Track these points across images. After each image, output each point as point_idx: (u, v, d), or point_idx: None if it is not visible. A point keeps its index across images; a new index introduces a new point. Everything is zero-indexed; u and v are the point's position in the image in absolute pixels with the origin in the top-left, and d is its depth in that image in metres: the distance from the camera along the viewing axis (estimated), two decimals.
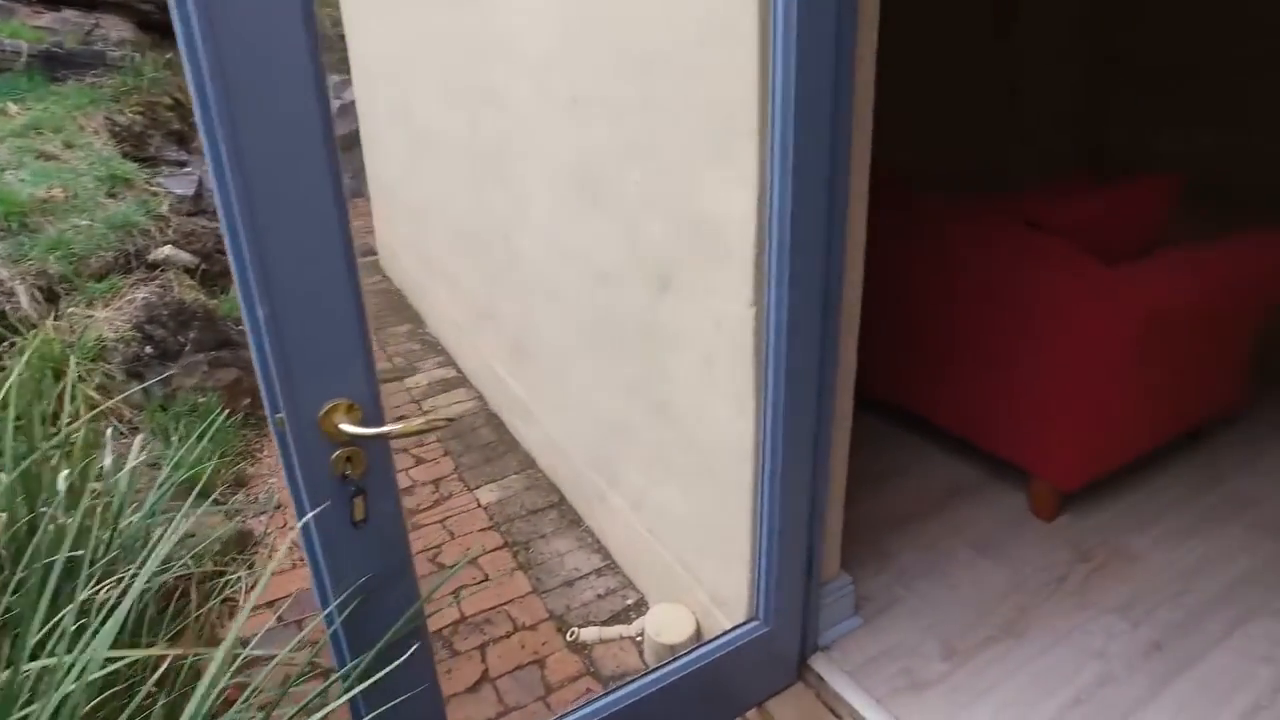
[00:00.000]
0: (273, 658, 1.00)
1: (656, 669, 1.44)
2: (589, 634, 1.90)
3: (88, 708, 0.89)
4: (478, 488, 2.54)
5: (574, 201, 1.79)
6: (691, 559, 1.75)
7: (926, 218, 2.05)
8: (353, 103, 4.49)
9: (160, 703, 0.98)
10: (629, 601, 2.03)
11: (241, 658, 0.98)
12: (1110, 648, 1.66)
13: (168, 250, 3.11)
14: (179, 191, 3.60)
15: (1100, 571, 1.87)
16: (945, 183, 5.52)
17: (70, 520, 1.07)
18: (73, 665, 0.82)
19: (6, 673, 0.83)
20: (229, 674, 0.91)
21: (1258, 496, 2.12)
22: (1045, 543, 1.97)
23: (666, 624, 1.77)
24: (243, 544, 2.17)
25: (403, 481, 2.54)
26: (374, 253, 4.51)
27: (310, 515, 0.93)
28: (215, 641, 1.29)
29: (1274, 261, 1.96)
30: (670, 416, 1.63)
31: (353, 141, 4.59)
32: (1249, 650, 1.64)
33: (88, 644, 0.85)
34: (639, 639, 1.87)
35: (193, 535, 1.68)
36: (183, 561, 1.50)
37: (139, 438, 1.94)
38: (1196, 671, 1.60)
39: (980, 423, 2.08)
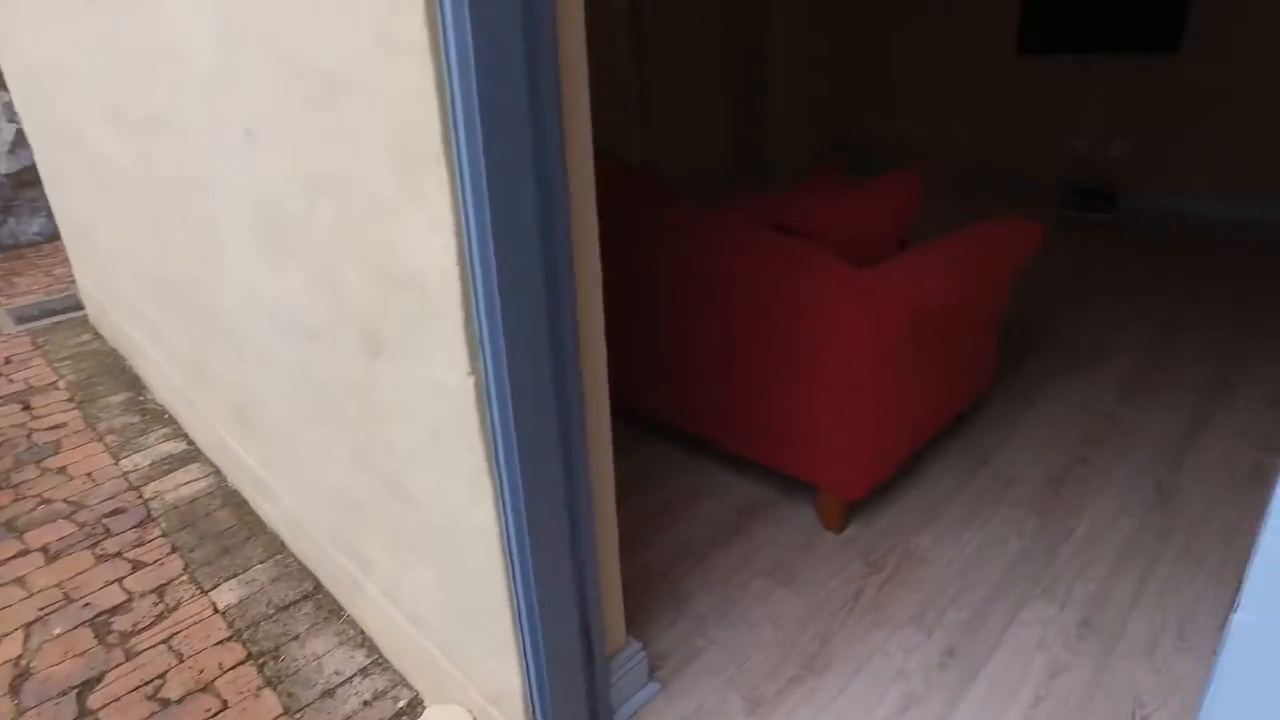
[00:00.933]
0: None
1: None
2: None
3: None
4: (214, 588, 2.12)
5: (264, 247, 1.47)
6: (457, 653, 1.50)
7: (681, 226, 1.92)
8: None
9: None
10: (401, 704, 1.74)
11: None
12: (909, 664, 1.61)
13: None
14: None
15: (892, 581, 1.83)
16: (706, 178, 5.62)
17: None
18: None
19: None
20: None
21: (1016, 473, 2.20)
22: (837, 557, 1.91)
23: None
24: None
25: (114, 597, 2.07)
26: (80, 306, 3.81)
27: None
28: None
29: (1018, 246, 2.02)
30: (404, 495, 1.37)
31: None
32: (1026, 639, 1.65)
33: None
34: None
35: None
36: None
37: None
38: (986, 672, 1.58)
39: (760, 440, 1.99)
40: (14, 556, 2.22)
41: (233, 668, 1.86)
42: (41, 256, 4.90)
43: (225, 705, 1.76)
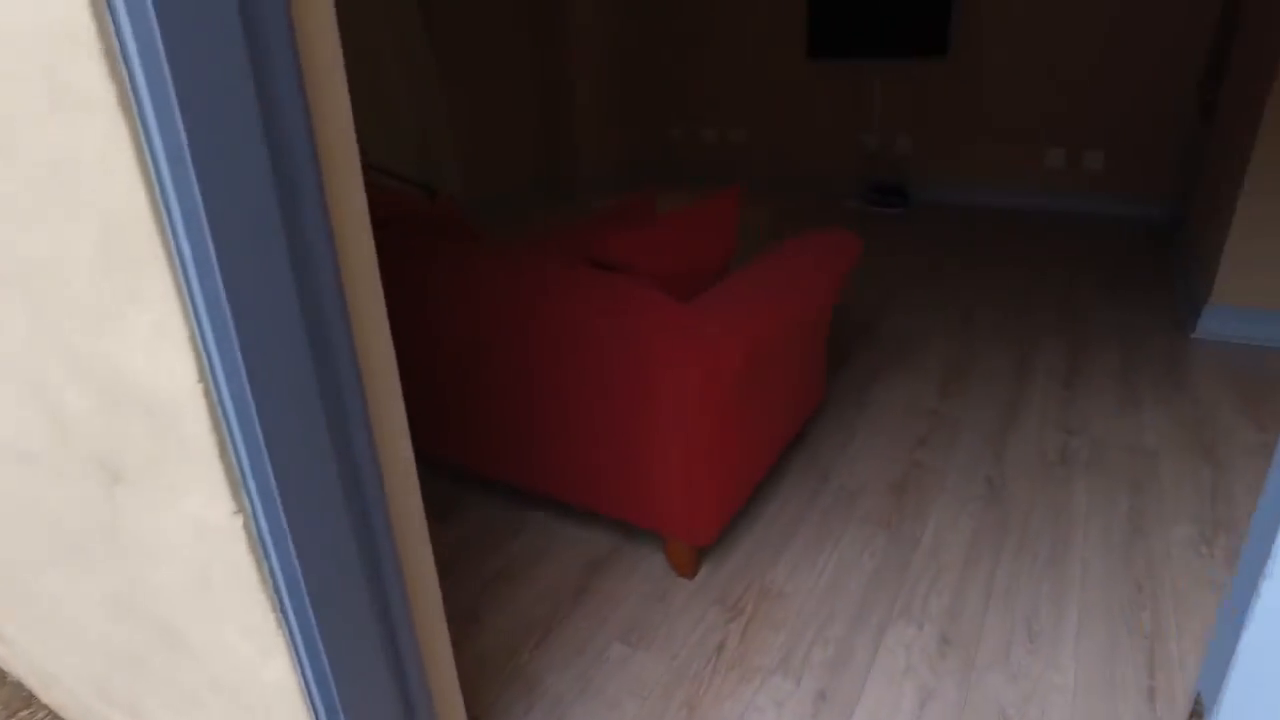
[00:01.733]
0: None
1: None
2: None
3: None
4: None
5: None
6: None
7: (493, 267, 1.74)
8: None
9: None
10: None
11: None
12: (783, 718, 1.52)
13: None
14: None
15: (753, 623, 1.74)
16: (518, 196, 5.45)
17: None
18: None
19: None
20: None
21: (859, 484, 2.20)
22: (694, 606, 1.80)
23: None
24: None
25: None
26: None
27: None
28: None
29: (841, 259, 2.01)
30: (179, 646, 1.10)
31: None
32: (892, 668, 1.61)
33: None
34: None
35: None
36: None
37: None
38: (859, 712, 1.52)
39: (598, 490, 1.84)
40: None
41: None
42: None
43: None
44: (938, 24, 4.80)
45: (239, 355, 0.73)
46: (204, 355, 0.74)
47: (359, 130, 0.87)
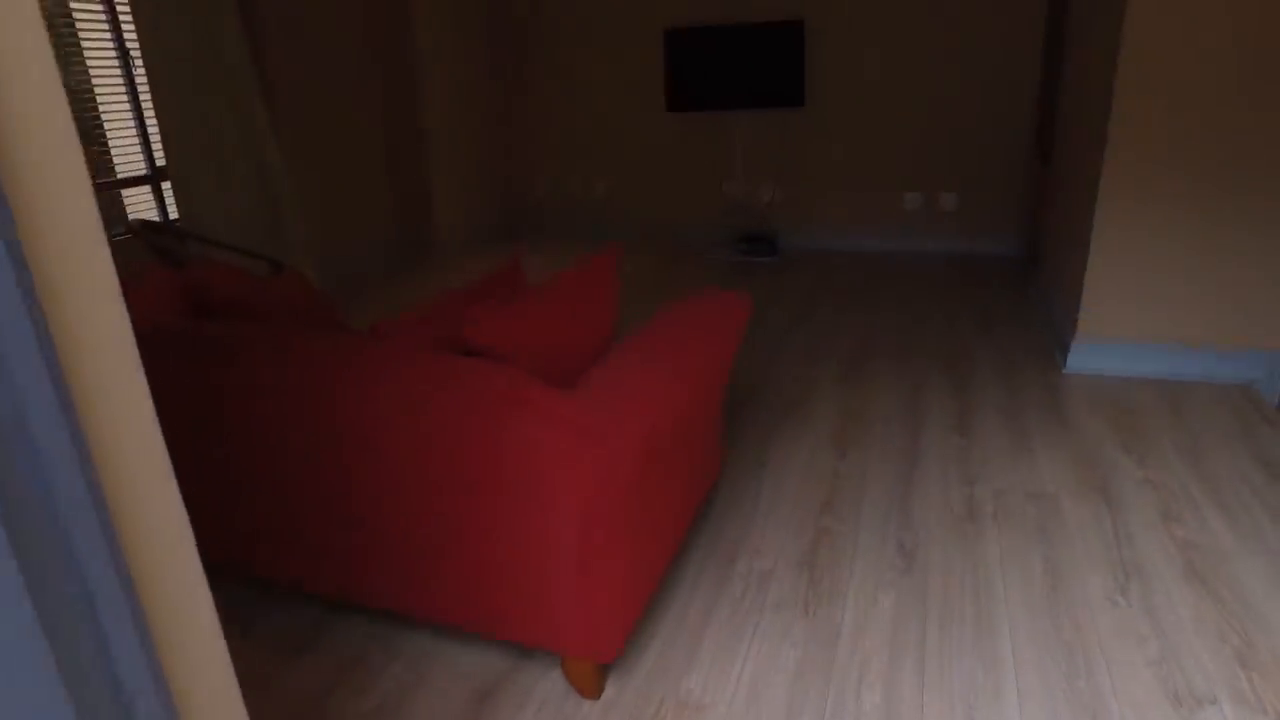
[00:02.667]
0: None
1: None
2: None
3: None
4: None
5: None
6: None
7: (347, 360, 1.46)
8: None
9: None
10: None
11: None
12: None
13: None
14: None
15: None
16: (374, 263, 5.10)
17: None
18: None
19: None
20: None
21: (768, 565, 2.02)
22: None
23: None
24: None
25: None
26: None
27: None
28: None
29: (733, 323, 1.85)
30: None
31: None
32: None
33: None
34: None
35: None
36: None
37: None
38: None
39: (484, 609, 1.58)
40: None
41: None
42: None
43: None
44: (793, 77, 4.90)
45: None
46: None
47: (206, 207, 0.61)
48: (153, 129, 3.95)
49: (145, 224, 3.31)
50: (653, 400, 1.39)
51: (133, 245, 3.58)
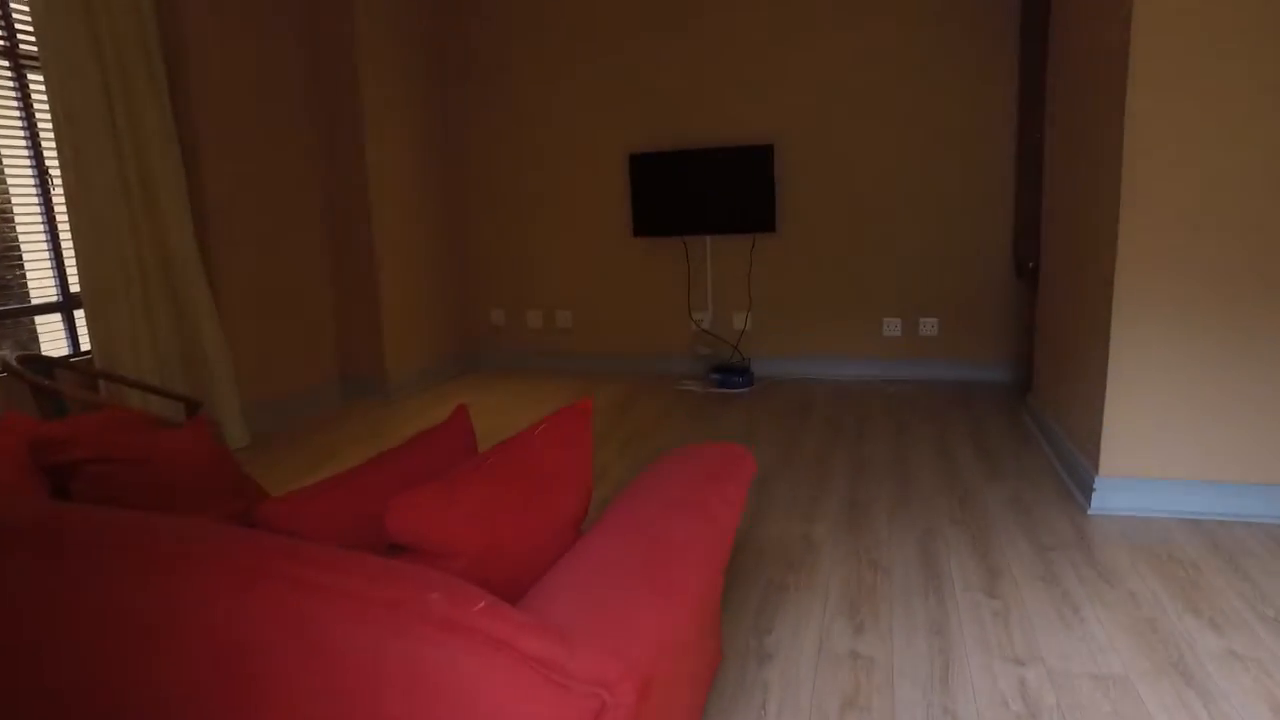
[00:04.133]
0: None
1: None
2: None
3: None
4: None
5: None
6: None
7: (217, 569, 1.03)
8: None
9: None
10: None
11: None
12: None
13: None
14: None
15: None
16: (314, 401, 4.64)
17: None
18: None
19: None
20: None
21: None
22: None
23: None
24: None
25: None
26: None
27: None
28: None
29: (739, 484, 1.46)
30: None
31: None
32: None
33: None
34: None
35: None
36: None
37: None
38: None
39: None
40: None
41: None
42: None
43: None
44: (763, 202, 4.75)
45: None
46: None
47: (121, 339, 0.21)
48: (69, 251, 3.58)
49: (25, 359, 2.86)
50: (646, 622, 0.98)
51: (10, 384, 3.12)
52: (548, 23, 5.07)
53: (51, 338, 3.66)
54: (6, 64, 3.35)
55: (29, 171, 3.48)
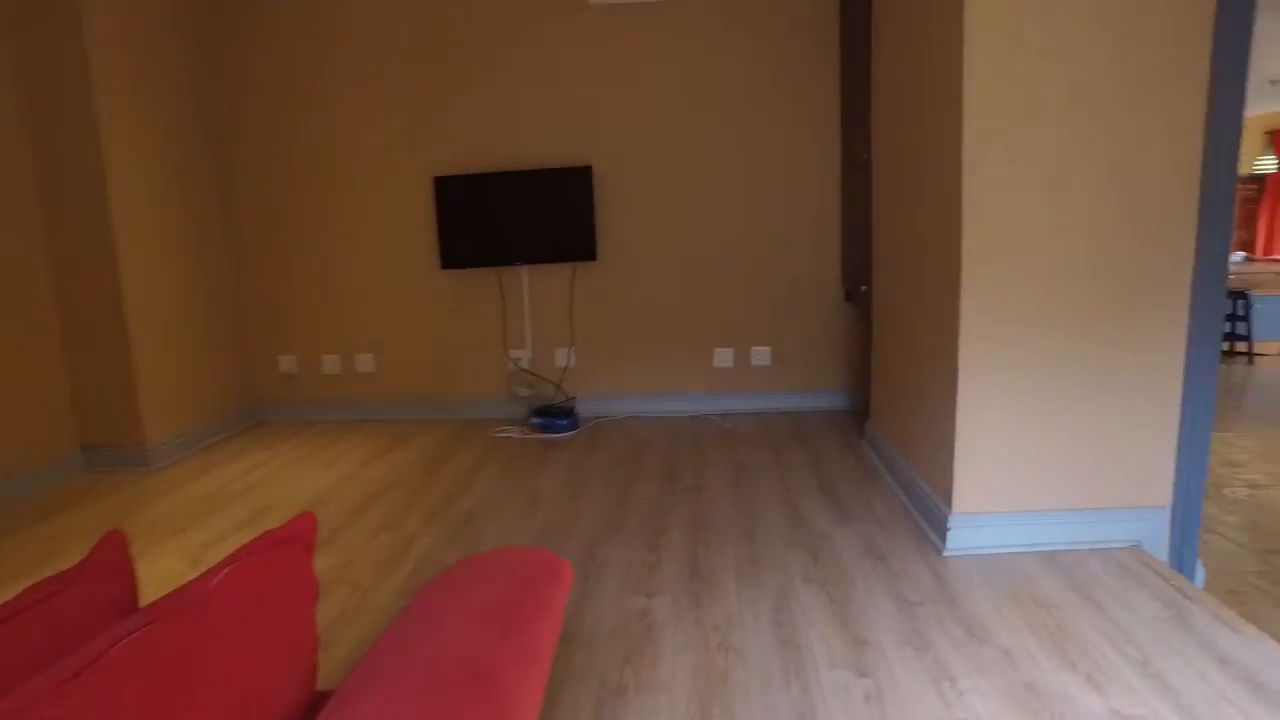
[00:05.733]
0: None
1: None
2: None
3: None
4: None
5: None
6: None
7: None
8: None
9: None
10: None
11: None
12: None
13: None
14: None
15: None
16: (42, 480, 3.63)
17: None
18: None
19: None
20: None
21: None
22: None
23: None
24: None
25: None
26: None
27: None
28: None
29: (557, 599, 1.00)
30: None
31: None
32: None
33: None
34: None
35: None
36: None
37: None
38: None
39: None
40: None
41: None
42: None
43: None
44: (583, 228, 4.38)
45: None
46: None
47: None
48: None
49: None
50: None
51: None
52: (331, 32, 4.47)
53: None
54: None
55: None
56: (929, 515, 2.73)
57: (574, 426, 4.35)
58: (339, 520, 3.13)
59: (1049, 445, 2.51)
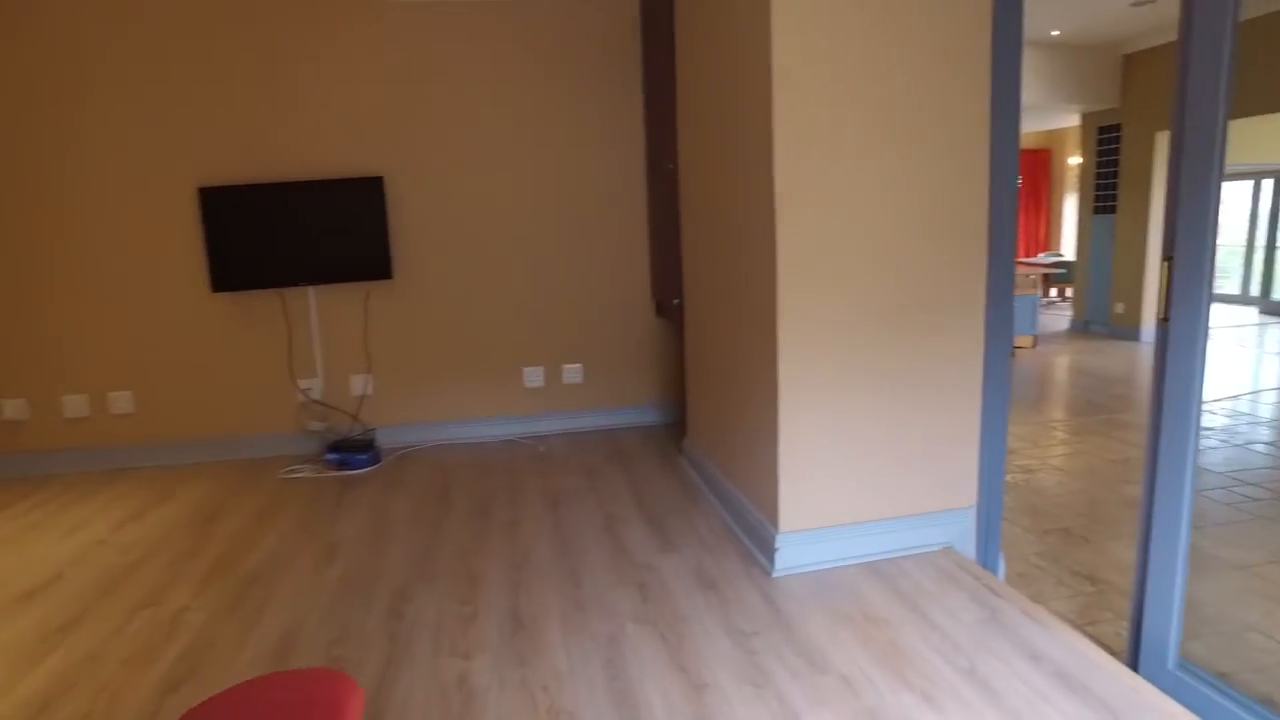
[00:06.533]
0: None
1: None
2: None
3: None
4: None
5: None
6: None
7: None
8: None
9: None
10: None
11: None
12: None
13: None
14: None
15: None
16: None
17: None
18: None
19: None
20: None
21: None
22: None
23: None
24: None
25: None
26: None
27: None
28: None
29: None
30: None
31: None
32: None
33: None
34: None
35: None
36: None
37: None
38: None
39: None
40: None
41: None
42: None
43: None
44: (376, 244, 4.00)
45: None
46: None
47: None
48: None
49: None
50: None
51: None
52: (72, 21, 3.78)
53: None
54: None
55: None
56: (755, 535, 2.68)
57: (375, 461, 3.96)
58: (82, 602, 2.59)
59: (868, 457, 2.54)
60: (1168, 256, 1.81)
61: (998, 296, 2.54)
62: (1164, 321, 1.83)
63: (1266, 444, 4.89)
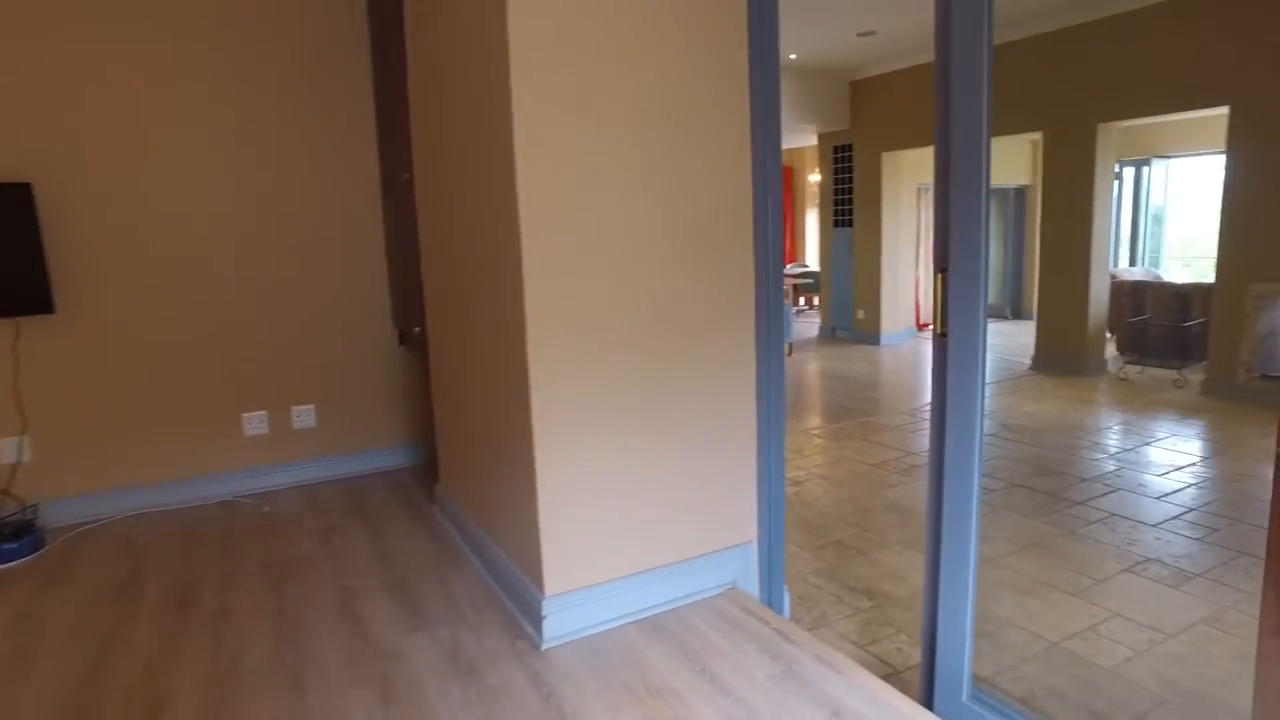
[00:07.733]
0: None
1: None
2: None
3: None
4: None
5: None
6: None
7: None
8: None
9: None
10: None
11: None
12: None
13: None
14: None
15: None
16: None
17: None
18: None
19: None
20: None
21: None
22: None
23: None
24: None
25: None
26: None
27: None
28: None
29: None
30: None
31: None
32: None
33: None
34: None
35: None
36: None
37: None
38: None
39: None
40: None
41: None
42: None
43: None
44: (28, 270, 3.12)
45: None
46: None
47: None
48: None
49: None
50: None
51: None
52: None
53: None
54: None
55: None
56: (519, 599, 2.30)
57: (33, 548, 3.07)
58: None
59: (638, 502, 2.25)
60: (942, 269, 1.68)
61: (766, 315, 2.36)
62: (942, 337, 1.70)
63: (990, 435, 5.32)
